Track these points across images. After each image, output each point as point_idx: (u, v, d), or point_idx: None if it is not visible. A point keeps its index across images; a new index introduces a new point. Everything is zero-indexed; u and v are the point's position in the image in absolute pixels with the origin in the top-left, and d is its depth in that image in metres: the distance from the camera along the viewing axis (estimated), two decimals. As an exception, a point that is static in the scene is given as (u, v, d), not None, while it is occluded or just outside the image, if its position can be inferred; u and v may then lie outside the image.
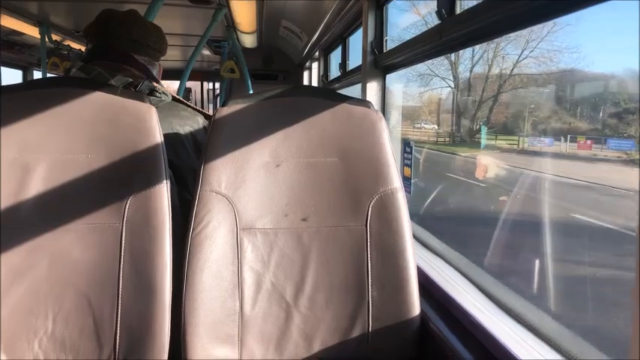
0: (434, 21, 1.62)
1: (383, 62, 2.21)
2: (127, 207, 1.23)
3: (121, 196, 1.23)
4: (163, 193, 1.24)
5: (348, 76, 3.31)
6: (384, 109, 2.26)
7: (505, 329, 1.18)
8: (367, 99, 2.16)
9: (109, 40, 1.63)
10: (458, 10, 1.50)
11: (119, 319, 1.20)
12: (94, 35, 1.65)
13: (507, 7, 1.16)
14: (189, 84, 7.30)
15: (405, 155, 2.02)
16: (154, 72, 1.71)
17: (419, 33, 1.77)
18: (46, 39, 4.08)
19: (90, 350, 1.20)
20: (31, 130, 1.25)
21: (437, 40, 1.60)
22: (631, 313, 0.71)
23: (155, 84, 1.59)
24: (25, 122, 1.25)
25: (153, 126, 1.27)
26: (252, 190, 1.30)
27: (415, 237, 1.60)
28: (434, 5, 1.57)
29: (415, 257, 1.31)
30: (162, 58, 1.77)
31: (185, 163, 1.52)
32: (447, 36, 1.52)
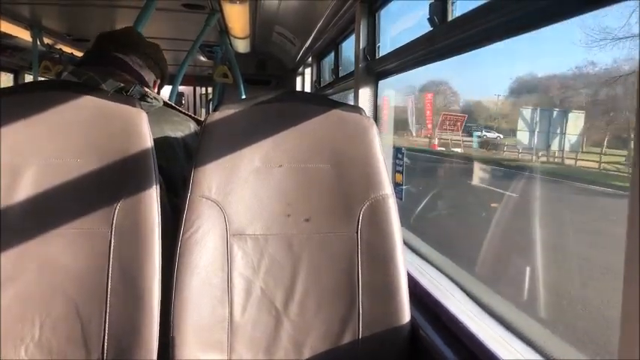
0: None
1: (375, 68, 2.21)
2: (117, 212, 1.22)
3: (111, 202, 1.23)
4: (153, 198, 1.23)
5: (341, 81, 3.32)
6: (376, 115, 2.27)
7: (494, 336, 1.18)
8: (360, 105, 2.17)
9: (103, 45, 1.64)
10: (450, 18, 1.51)
11: (107, 325, 1.19)
12: (91, 45, 1.69)
13: (499, 14, 1.16)
14: (181, 88, 7.28)
15: (397, 162, 2.02)
16: (148, 78, 1.70)
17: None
18: (38, 42, 4.06)
19: (77, 357, 1.19)
20: (20, 134, 1.24)
21: (429, 46, 1.60)
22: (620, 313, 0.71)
23: (147, 89, 1.58)
24: (15, 125, 1.24)
25: (143, 131, 1.27)
26: (242, 195, 1.29)
27: (405, 243, 1.59)
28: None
29: (405, 264, 1.31)
30: None
31: (175, 168, 1.51)
32: (439, 43, 1.52)
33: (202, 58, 5.15)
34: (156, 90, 1.79)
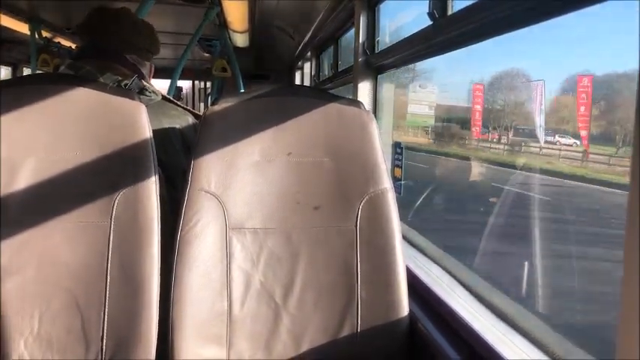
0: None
1: (375, 63, 2.21)
2: (116, 206, 1.22)
3: (110, 195, 1.23)
4: (152, 192, 1.23)
5: (340, 76, 3.31)
6: (375, 109, 2.26)
7: (493, 329, 1.18)
8: (359, 99, 2.17)
9: (98, 37, 1.62)
10: (450, 12, 1.51)
11: (106, 318, 1.19)
12: (85, 33, 1.65)
13: (499, 9, 1.16)
14: (180, 83, 7.26)
15: (396, 156, 2.02)
16: (145, 71, 1.70)
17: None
18: (36, 36, 4.05)
19: (76, 350, 1.19)
20: (18, 127, 1.24)
21: (429, 41, 1.60)
22: (618, 313, 0.71)
23: (145, 83, 1.58)
24: (13, 119, 1.24)
25: (142, 124, 1.27)
26: (241, 189, 1.29)
27: (404, 237, 1.60)
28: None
29: (404, 257, 1.31)
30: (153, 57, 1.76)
31: (174, 162, 1.51)
32: (439, 37, 1.52)
33: (201, 52, 5.13)
34: (152, 74, 1.78)
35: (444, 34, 1.48)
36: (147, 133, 1.26)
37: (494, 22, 1.22)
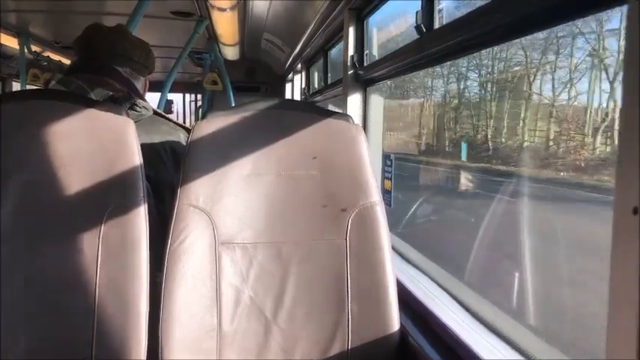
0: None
1: (364, 76, 2.22)
2: (104, 222, 1.21)
3: (99, 211, 1.22)
4: (140, 209, 1.23)
5: (330, 88, 3.33)
6: (365, 122, 2.27)
7: (485, 344, 1.18)
8: (348, 112, 2.18)
9: (91, 52, 1.62)
10: (436, 26, 1.52)
11: (95, 335, 1.18)
12: (78, 48, 1.64)
13: (484, 23, 1.18)
14: (170, 96, 7.25)
15: (386, 169, 2.03)
16: (139, 85, 1.69)
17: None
18: (26, 50, 4.04)
19: None
20: (7, 142, 1.23)
21: (417, 54, 1.62)
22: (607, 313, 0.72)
23: (137, 98, 1.57)
24: (2, 134, 1.23)
25: (131, 141, 1.26)
26: (231, 204, 1.29)
27: (394, 250, 1.60)
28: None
29: (395, 271, 1.31)
30: None
31: (163, 178, 1.51)
32: (426, 50, 1.53)
33: (192, 65, 5.14)
34: (146, 88, 1.78)
35: (432, 47, 1.50)
36: (135, 149, 1.26)
37: (480, 36, 1.24)
